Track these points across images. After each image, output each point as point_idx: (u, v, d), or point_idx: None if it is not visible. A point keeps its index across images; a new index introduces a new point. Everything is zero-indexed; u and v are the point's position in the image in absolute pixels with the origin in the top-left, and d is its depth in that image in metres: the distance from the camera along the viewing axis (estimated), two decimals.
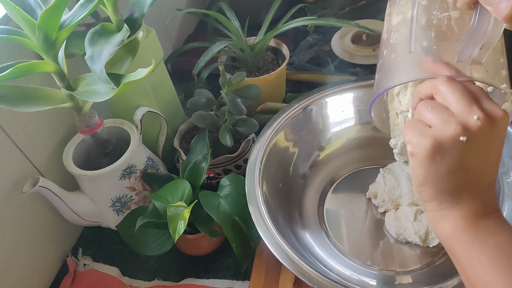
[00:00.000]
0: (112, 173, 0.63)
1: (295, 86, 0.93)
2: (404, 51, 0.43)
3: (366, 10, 1.13)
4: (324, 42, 1.04)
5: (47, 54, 0.51)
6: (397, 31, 0.45)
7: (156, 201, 0.60)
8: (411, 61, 0.42)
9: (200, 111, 0.71)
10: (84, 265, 0.69)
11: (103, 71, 0.48)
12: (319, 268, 0.53)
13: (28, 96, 0.53)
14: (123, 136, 0.68)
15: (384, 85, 0.44)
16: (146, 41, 0.64)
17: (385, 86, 0.44)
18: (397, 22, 0.46)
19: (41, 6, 0.51)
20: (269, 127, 0.67)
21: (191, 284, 0.64)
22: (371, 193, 0.68)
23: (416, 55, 0.42)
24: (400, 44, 0.44)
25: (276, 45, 0.87)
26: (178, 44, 1.09)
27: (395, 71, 0.43)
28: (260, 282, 0.61)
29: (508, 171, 0.60)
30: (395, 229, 0.63)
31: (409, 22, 0.44)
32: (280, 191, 0.65)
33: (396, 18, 0.46)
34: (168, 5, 1.01)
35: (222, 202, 0.60)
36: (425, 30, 0.43)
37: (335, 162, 0.73)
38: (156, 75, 0.70)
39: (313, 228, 0.65)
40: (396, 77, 0.43)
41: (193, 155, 0.66)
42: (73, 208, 0.65)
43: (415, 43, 0.43)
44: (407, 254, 0.62)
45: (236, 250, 0.58)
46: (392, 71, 0.44)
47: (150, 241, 0.62)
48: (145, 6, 0.59)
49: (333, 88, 0.71)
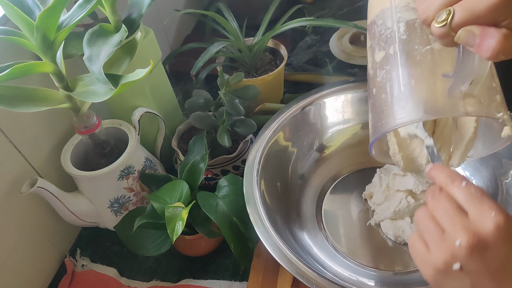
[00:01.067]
0: (110, 173, 0.63)
1: (293, 87, 0.93)
2: (394, 91, 0.43)
3: (364, 11, 1.12)
4: (322, 43, 1.04)
5: (45, 55, 0.50)
6: (382, 68, 0.45)
7: (154, 202, 0.60)
8: (403, 102, 0.42)
9: (198, 112, 0.71)
10: (82, 266, 0.69)
11: (101, 72, 0.48)
12: (317, 268, 0.53)
13: (26, 97, 0.53)
14: (121, 136, 0.68)
15: (380, 129, 0.44)
16: (144, 41, 0.64)
17: (382, 129, 0.43)
18: (380, 58, 0.45)
19: (40, 6, 0.51)
20: (267, 128, 0.67)
21: (189, 285, 0.64)
22: (367, 194, 0.68)
23: (407, 95, 0.41)
24: (388, 83, 0.44)
25: (274, 46, 0.87)
26: (176, 44, 1.09)
27: (389, 113, 0.43)
28: (258, 283, 0.61)
29: (506, 172, 0.61)
30: (392, 232, 0.63)
31: (392, 58, 0.44)
32: (278, 192, 0.65)
33: (379, 54, 0.46)
34: (166, 6, 1.01)
35: (220, 202, 0.60)
36: (410, 67, 0.42)
37: (334, 163, 0.73)
38: (154, 75, 0.70)
39: (311, 229, 0.66)
40: (391, 121, 0.42)
41: (191, 155, 0.66)
42: (71, 209, 0.65)
43: (403, 81, 0.42)
44: (405, 255, 0.62)
45: (234, 251, 0.58)
46: (386, 113, 0.43)
47: (148, 241, 0.62)
48: (143, 7, 0.59)
49: (331, 89, 0.71)
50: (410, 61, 0.42)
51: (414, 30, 0.43)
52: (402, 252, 0.62)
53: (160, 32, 0.99)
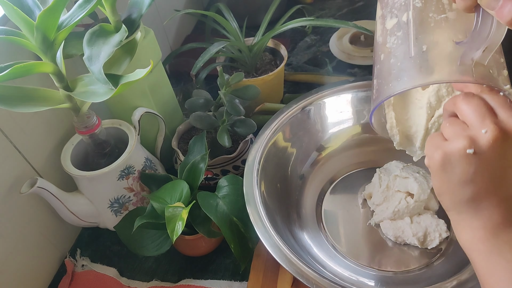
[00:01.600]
0: (110, 173, 0.63)
1: (293, 87, 0.93)
2: (404, 56, 0.43)
3: (364, 11, 1.13)
4: (322, 43, 1.04)
5: (45, 55, 0.50)
6: (393, 34, 0.45)
7: (154, 202, 0.60)
8: (413, 65, 0.42)
9: (198, 112, 0.71)
10: (82, 266, 0.69)
11: (101, 72, 0.48)
12: (317, 268, 0.53)
13: (26, 97, 0.53)
14: (121, 137, 0.68)
15: (386, 92, 0.43)
16: (144, 41, 0.64)
17: (388, 92, 0.43)
18: (392, 25, 0.45)
19: (40, 6, 0.51)
20: (267, 128, 0.67)
21: (189, 285, 0.64)
22: (366, 194, 0.68)
23: (417, 60, 0.42)
24: (398, 48, 0.44)
25: (274, 46, 0.87)
26: (176, 45, 1.09)
27: (397, 76, 0.43)
28: (258, 283, 0.61)
29: None
30: (392, 232, 0.63)
31: (405, 25, 0.44)
32: (278, 192, 0.65)
33: (391, 21, 0.46)
34: (166, 6, 1.01)
35: (220, 203, 0.60)
36: (423, 33, 0.42)
37: (334, 163, 0.73)
38: (154, 76, 0.70)
39: (311, 229, 0.66)
40: (398, 84, 0.42)
41: (191, 155, 0.66)
42: (71, 209, 0.65)
43: (414, 47, 0.42)
44: (405, 255, 0.62)
45: (234, 251, 0.58)
46: (394, 76, 0.43)
47: (148, 241, 0.62)
48: (143, 7, 0.59)
49: (331, 89, 0.71)
50: (423, 27, 0.43)
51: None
52: (402, 252, 0.62)
53: (160, 32, 0.99)
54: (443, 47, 0.41)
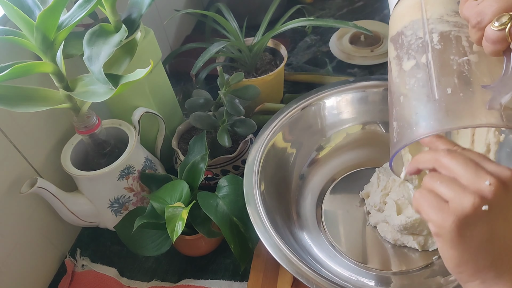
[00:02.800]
0: (110, 173, 0.63)
1: (293, 87, 0.93)
2: (427, 99, 0.42)
3: (364, 11, 1.13)
4: (322, 43, 1.04)
5: (45, 55, 0.50)
6: (412, 76, 0.44)
7: (154, 202, 0.60)
8: (438, 109, 0.41)
9: (198, 112, 0.71)
10: (82, 266, 0.69)
11: (101, 72, 0.48)
12: (317, 269, 0.53)
13: (26, 97, 0.53)
14: (121, 136, 0.68)
15: (409, 135, 0.42)
16: (144, 41, 0.64)
17: (412, 136, 0.42)
18: (410, 67, 0.44)
19: (39, 6, 0.51)
20: (267, 128, 0.67)
21: (189, 285, 0.64)
22: (364, 194, 0.68)
23: (443, 103, 0.40)
24: (420, 90, 0.43)
25: (274, 46, 0.87)
26: (176, 44, 1.09)
27: (420, 121, 0.42)
28: (258, 283, 0.61)
29: None
30: (391, 236, 0.62)
31: (425, 67, 0.43)
32: (278, 192, 0.65)
33: (408, 63, 0.45)
34: (166, 6, 1.01)
35: (220, 203, 0.60)
36: (446, 76, 0.41)
37: (333, 163, 0.73)
38: (154, 75, 0.70)
39: (311, 229, 0.66)
40: (422, 127, 0.41)
41: (191, 155, 0.66)
42: (71, 209, 0.64)
43: (438, 89, 0.41)
44: (405, 255, 0.62)
45: (234, 251, 0.58)
46: (417, 120, 0.42)
47: (148, 241, 0.62)
48: (143, 7, 0.59)
49: (331, 89, 0.71)
50: (445, 70, 0.42)
51: (449, 41, 0.43)
52: (402, 252, 0.62)
53: (160, 32, 0.99)
54: (469, 91, 0.40)
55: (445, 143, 0.41)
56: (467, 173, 0.36)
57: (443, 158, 0.38)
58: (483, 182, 0.35)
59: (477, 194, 0.35)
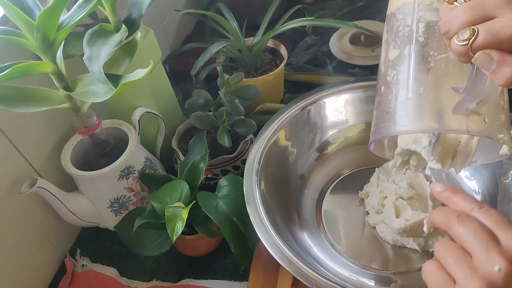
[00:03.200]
0: (110, 173, 0.63)
1: (293, 87, 0.93)
2: (401, 95, 0.43)
3: (364, 11, 1.13)
4: (322, 43, 1.04)
5: (45, 55, 0.50)
6: (394, 68, 0.45)
7: (154, 202, 0.60)
8: (409, 109, 0.42)
9: (198, 112, 0.71)
10: (82, 266, 0.69)
11: (101, 72, 0.48)
12: (317, 269, 0.53)
13: (26, 97, 0.53)
14: (121, 136, 0.68)
15: (382, 131, 0.44)
16: (144, 41, 0.64)
17: (384, 132, 0.44)
18: (394, 57, 0.45)
19: (39, 6, 0.51)
20: (267, 128, 0.67)
21: (189, 285, 0.64)
22: (363, 194, 0.68)
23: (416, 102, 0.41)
24: (397, 85, 0.44)
25: (274, 46, 0.87)
26: (176, 45, 1.09)
27: (392, 117, 0.43)
28: (258, 283, 0.61)
29: (506, 172, 0.61)
30: (390, 237, 0.62)
31: (406, 60, 0.44)
32: (278, 192, 0.65)
33: (393, 52, 0.46)
34: (166, 6, 1.01)
35: (220, 203, 0.60)
36: (422, 73, 0.42)
37: (333, 163, 0.73)
38: (154, 75, 0.70)
39: (311, 229, 0.66)
40: (393, 125, 0.43)
41: (191, 155, 0.66)
42: (71, 209, 0.64)
43: (413, 86, 0.42)
44: (406, 255, 0.62)
45: (234, 251, 0.58)
46: (390, 116, 0.43)
47: (148, 241, 0.62)
48: (143, 7, 0.59)
49: (331, 89, 0.71)
50: (422, 67, 0.42)
51: (433, 34, 0.43)
52: (402, 252, 0.62)
53: (160, 32, 0.99)
54: (440, 93, 0.41)
55: (460, 200, 0.40)
56: (477, 249, 0.35)
57: (455, 225, 0.37)
58: (492, 267, 0.34)
59: (485, 280, 0.34)
